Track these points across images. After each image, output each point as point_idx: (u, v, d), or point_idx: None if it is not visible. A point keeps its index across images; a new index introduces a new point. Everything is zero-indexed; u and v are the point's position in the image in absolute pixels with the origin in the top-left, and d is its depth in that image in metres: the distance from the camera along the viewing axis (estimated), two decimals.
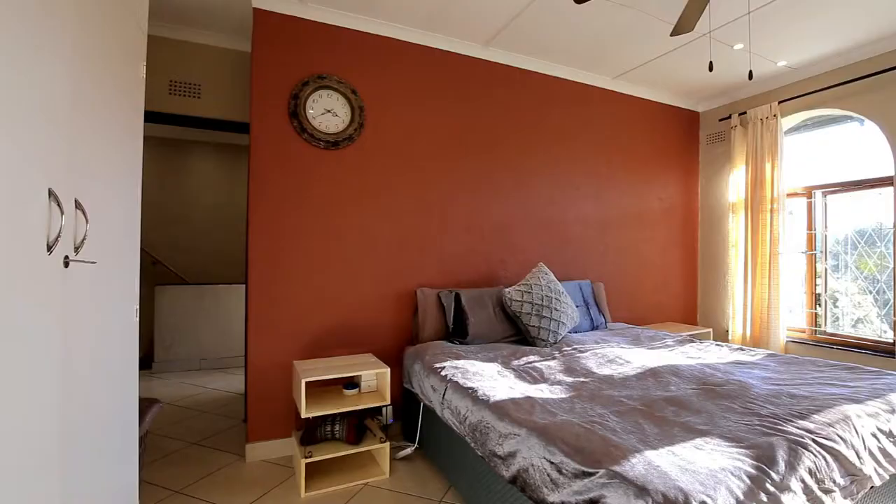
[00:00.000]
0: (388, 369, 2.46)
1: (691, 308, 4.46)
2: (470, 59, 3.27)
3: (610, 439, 1.47)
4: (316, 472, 2.37)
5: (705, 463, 1.32)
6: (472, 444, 1.87)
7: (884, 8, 2.72)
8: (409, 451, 2.57)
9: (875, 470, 1.58)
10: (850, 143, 3.60)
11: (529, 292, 2.86)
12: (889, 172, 3.18)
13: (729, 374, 2.19)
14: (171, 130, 4.93)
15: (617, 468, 1.29)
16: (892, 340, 3.19)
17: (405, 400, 2.80)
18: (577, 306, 3.22)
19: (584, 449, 1.42)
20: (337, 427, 2.42)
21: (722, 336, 4.19)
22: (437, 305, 2.89)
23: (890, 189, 3.19)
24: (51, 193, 1.06)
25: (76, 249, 1.21)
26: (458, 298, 2.87)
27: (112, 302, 1.51)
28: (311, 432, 2.39)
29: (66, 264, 1.16)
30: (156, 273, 5.07)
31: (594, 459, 1.35)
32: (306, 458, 2.23)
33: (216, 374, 4.40)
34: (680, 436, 1.51)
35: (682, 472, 1.26)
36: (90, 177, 1.33)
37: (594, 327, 3.31)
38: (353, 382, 2.59)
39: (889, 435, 1.68)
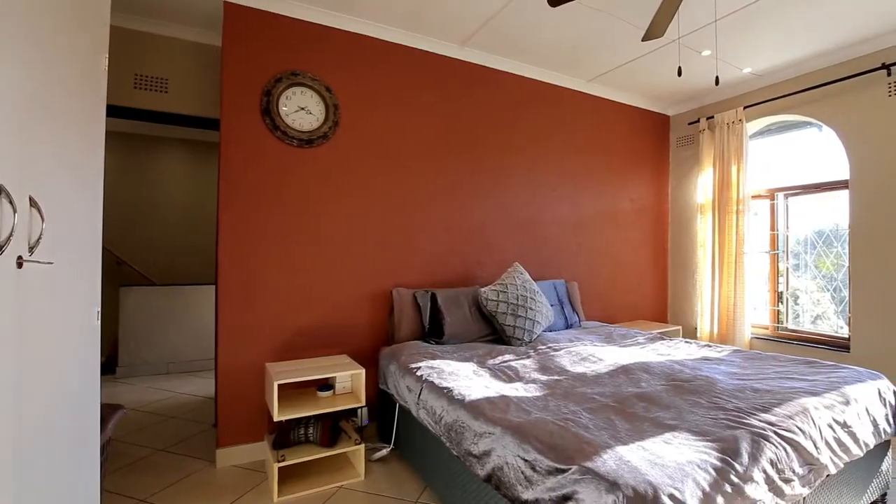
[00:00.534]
0: (364, 370, 2.44)
1: (662, 306, 4.58)
2: (447, 60, 3.28)
3: (582, 436, 1.49)
4: (289, 476, 2.33)
5: (674, 457, 1.36)
6: (448, 444, 1.87)
7: (839, 21, 2.86)
8: (384, 452, 2.56)
9: (831, 459, 1.65)
10: (810, 148, 3.76)
11: (505, 292, 2.88)
12: (845, 176, 3.35)
13: (697, 370, 2.26)
14: (137, 126, 4.76)
15: (589, 464, 1.31)
16: (847, 336, 3.36)
17: (381, 401, 2.78)
18: (551, 305, 3.26)
19: (558, 446, 1.43)
20: (311, 430, 2.38)
21: (691, 333, 4.32)
22: (413, 305, 2.88)
23: (846, 192, 3.36)
24: (1, 190, 1.01)
25: (31, 249, 1.15)
26: (434, 298, 2.87)
27: (71, 304, 1.44)
28: (285, 436, 2.35)
29: (20, 265, 1.10)
30: (121, 273, 4.88)
31: (567, 456, 1.37)
32: (279, 461, 2.19)
33: (185, 378, 4.27)
34: (650, 431, 1.54)
35: (651, 467, 1.29)
36: (47, 173, 1.27)
37: (568, 326, 3.36)
38: (327, 384, 2.56)
39: (843, 425, 1.76)
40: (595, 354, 2.55)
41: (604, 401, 1.85)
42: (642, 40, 2.69)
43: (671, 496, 1.20)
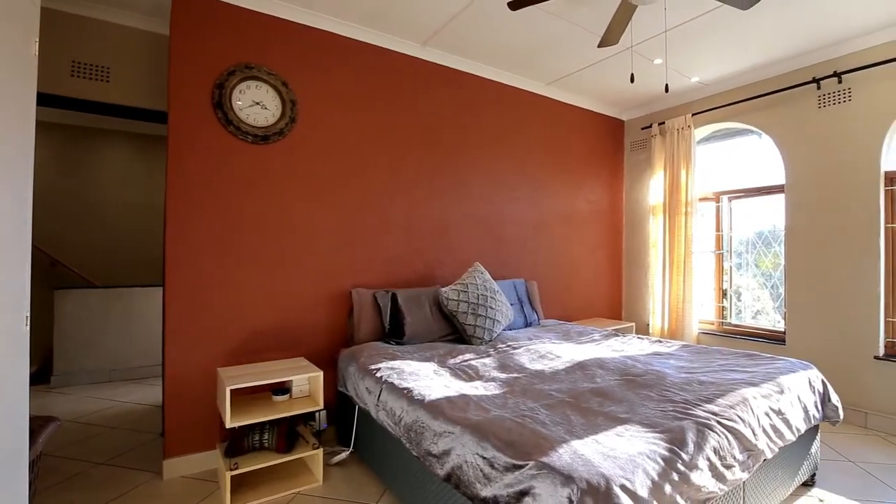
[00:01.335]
0: (321, 373, 2.38)
1: (616, 304, 4.75)
2: (408, 59, 3.26)
3: (540, 432, 1.52)
4: (243, 484, 2.24)
5: (625, 449, 1.41)
6: (408, 445, 1.86)
7: (774, 38, 3.06)
8: (343, 455, 2.51)
9: (767, 445, 1.76)
10: (752, 154, 4.01)
11: (465, 291, 2.89)
12: (782, 181, 3.59)
13: (648, 364, 2.35)
14: (75, 116, 4.45)
15: (545, 459, 1.33)
16: (783, 329, 3.60)
17: (340, 404, 2.72)
18: (511, 304, 3.31)
19: (515, 443, 1.45)
20: (266, 436, 2.30)
21: (643, 329, 4.50)
22: (373, 306, 2.84)
23: (782, 196, 3.60)
24: None
25: None
26: (394, 298, 2.84)
27: None
28: (238, 443, 2.26)
29: None
30: (56, 276, 4.55)
31: (524, 452, 1.39)
32: (232, 470, 2.10)
33: (129, 386, 4.02)
34: (603, 425, 1.59)
35: (604, 459, 1.33)
36: None
37: (528, 324, 3.42)
38: (283, 388, 2.48)
39: (778, 413, 1.88)
40: (553, 352, 2.61)
41: (560, 397, 1.89)
42: (598, 46, 2.78)
43: (622, 487, 1.24)
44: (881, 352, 3.06)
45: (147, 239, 5.08)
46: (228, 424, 2.12)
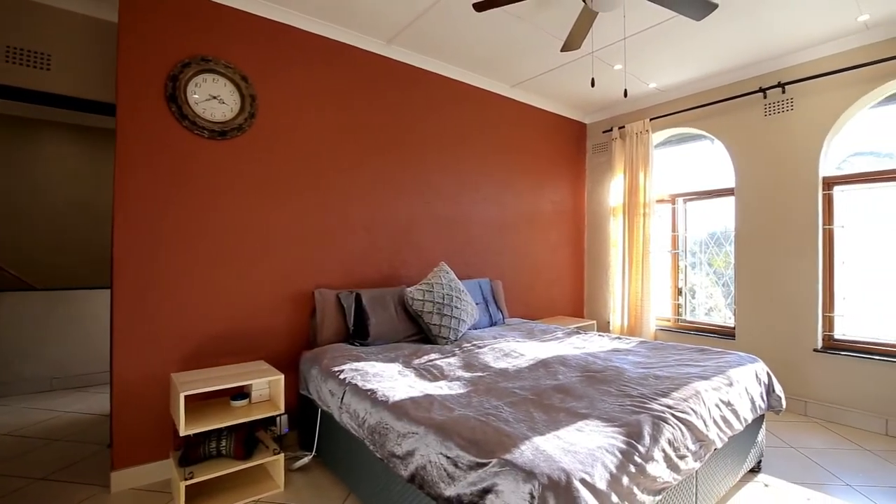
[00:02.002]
0: (282, 376, 2.31)
1: (579, 302, 4.87)
2: (373, 56, 3.22)
3: (503, 429, 1.53)
4: (199, 494, 2.14)
5: (585, 443, 1.44)
6: (371, 447, 1.83)
7: (723, 48, 3.22)
8: (305, 460, 2.45)
9: (717, 435, 1.85)
10: (705, 158, 4.20)
11: (431, 291, 2.89)
12: (732, 184, 3.78)
13: (608, 361, 2.42)
14: (10, 106, 4.14)
15: (508, 456, 1.34)
16: (733, 325, 3.80)
17: (302, 407, 2.66)
18: (476, 304, 3.33)
19: (479, 441, 1.46)
20: (223, 442, 2.21)
21: (604, 327, 4.64)
22: (337, 306, 2.79)
23: (732, 198, 3.79)
24: None
25: None
26: (358, 299, 2.80)
27: None
28: (193, 451, 2.16)
29: None
30: None
31: (488, 450, 1.40)
32: (186, 479, 2.01)
33: (73, 395, 3.78)
34: (565, 421, 1.62)
35: (565, 454, 1.36)
36: None
37: (493, 323, 3.46)
38: (242, 392, 2.40)
39: (727, 404, 1.98)
40: (517, 350, 2.64)
41: (523, 394, 1.91)
42: (561, 51, 2.85)
43: (582, 480, 1.27)
44: (819, 345, 3.28)
45: (94, 238, 4.79)
46: (183, 432, 2.02)
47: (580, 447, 1.41)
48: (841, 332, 3.30)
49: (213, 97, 2.55)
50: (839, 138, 3.32)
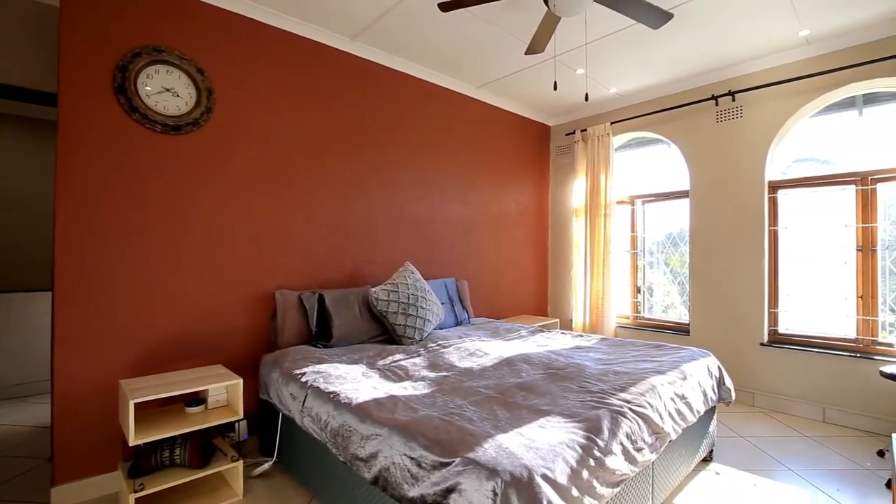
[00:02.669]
0: (241, 380, 2.23)
1: (542, 301, 4.96)
2: (337, 52, 3.16)
3: (466, 428, 1.53)
4: None
5: (547, 439, 1.46)
6: (334, 450, 1.80)
7: (679, 56, 3.36)
8: (266, 466, 2.37)
9: (672, 427, 1.92)
10: (663, 162, 4.36)
11: (396, 291, 2.86)
12: (687, 187, 3.95)
13: (570, 358, 2.48)
14: None
15: (471, 455, 1.35)
16: (688, 322, 3.97)
17: (262, 412, 2.57)
18: (442, 303, 3.33)
19: (443, 440, 1.46)
20: (177, 451, 2.11)
21: (567, 325, 4.74)
22: (299, 308, 2.72)
23: (687, 200, 3.96)
24: None
25: None
26: (321, 299, 2.75)
27: None
28: (143, 461, 2.05)
29: None
30: None
31: (451, 449, 1.40)
32: (136, 491, 1.91)
33: (9, 406, 3.51)
34: (527, 418, 1.65)
35: (527, 451, 1.37)
36: None
37: (458, 323, 3.47)
38: (198, 398, 2.30)
39: (682, 398, 2.06)
40: (482, 349, 2.66)
41: (488, 393, 1.93)
42: (525, 53, 2.89)
43: (544, 476, 1.29)
44: (765, 339, 3.48)
45: (33, 237, 4.47)
46: (132, 442, 1.92)
47: (542, 443, 1.43)
48: (784, 326, 3.51)
49: (166, 89, 2.43)
50: (784, 145, 3.53)
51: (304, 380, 2.12)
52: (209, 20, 2.59)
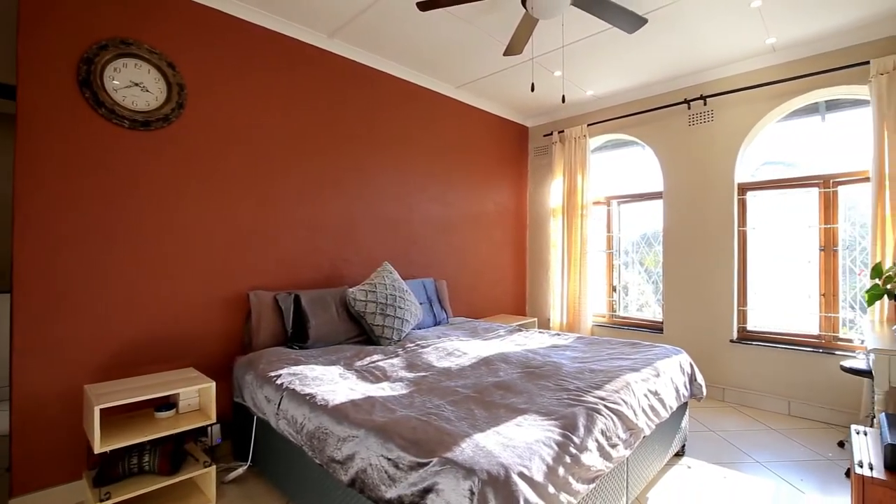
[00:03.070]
0: (213, 383, 2.18)
1: (521, 300, 5.01)
2: (315, 50, 3.11)
3: (444, 428, 1.53)
4: None
5: (523, 438, 1.47)
6: (310, 453, 1.77)
7: (652, 61, 3.44)
8: (240, 471, 2.32)
9: (646, 423, 1.97)
10: (638, 163, 4.46)
11: (374, 291, 2.84)
12: (661, 188, 4.05)
13: (547, 356, 2.51)
14: None
15: (448, 454, 1.35)
16: (661, 320, 4.06)
17: (236, 416, 2.52)
18: (420, 303, 3.33)
19: (420, 441, 1.45)
20: (147, 458, 2.05)
21: (545, 324, 4.80)
22: (274, 309, 2.67)
23: (661, 201, 4.06)
24: None
25: None
26: (297, 300, 2.70)
27: None
28: (110, 469, 1.98)
29: None
30: None
31: (428, 450, 1.40)
32: (102, 501, 1.84)
33: None
34: (504, 416, 1.66)
35: (504, 449, 1.38)
36: None
37: (437, 323, 3.47)
38: (168, 403, 2.23)
39: (655, 394, 2.11)
40: (460, 349, 2.66)
41: (465, 392, 1.93)
42: (504, 55, 2.91)
43: (520, 474, 1.30)
44: (735, 336, 3.59)
45: None
46: (98, 449, 1.85)
47: (519, 441, 1.44)
48: (752, 324, 3.63)
49: (134, 84, 2.35)
50: (752, 148, 3.65)
51: (279, 382, 2.08)
52: (181, 13, 2.52)
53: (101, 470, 1.97)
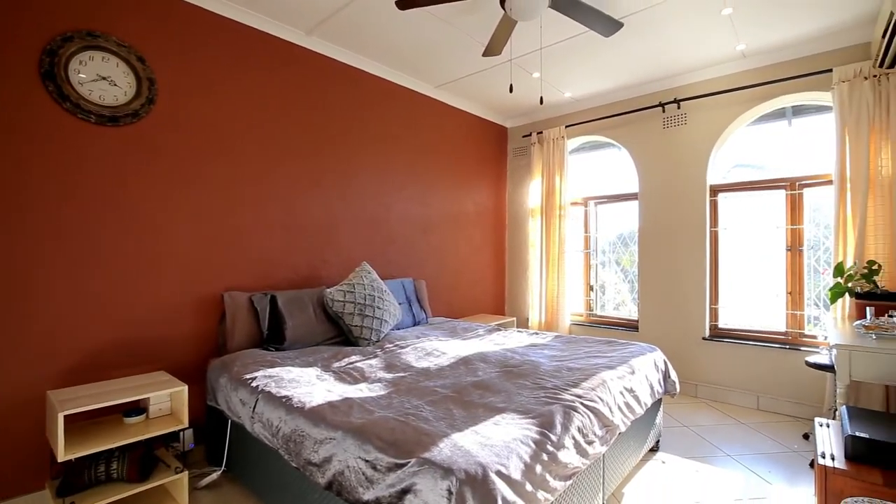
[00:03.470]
0: (186, 387, 2.12)
1: (500, 300, 5.04)
2: (291, 46, 3.06)
3: (422, 429, 1.53)
4: None
5: (501, 436, 1.48)
6: (287, 457, 1.74)
7: (631, 64, 3.51)
8: (214, 476, 2.27)
9: (622, 420, 2.00)
10: (615, 165, 4.54)
11: (352, 292, 2.81)
12: (636, 189, 4.13)
13: (525, 355, 2.53)
14: None
15: (426, 455, 1.34)
16: (637, 318, 4.15)
17: (210, 420, 2.46)
18: (399, 304, 3.31)
19: (398, 441, 1.44)
20: (114, 465, 1.97)
21: (524, 323, 4.84)
22: (250, 310, 2.62)
23: (637, 202, 4.14)
24: None
25: None
26: (273, 301, 2.65)
27: None
28: (75, 478, 1.90)
29: None
30: None
31: (406, 450, 1.39)
32: None
33: None
34: (483, 416, 1.66)
35: (481, 448, 1.38)
36: None
37: (416, 323, 3.46)
38: (138, 408, 2.16)
39: (630, 391, 2.15)
40: (439, 349, 2.66)
41: (444, 392, 1.93)
42: (483, 55, 2.92)
43: (498, 472, 1.30)
44: (707, 333, 3.69)
45: None
46: (62, 457, 1.77)
47: (496, 440, 1.45)
48: (724, 322, 3.74)
49: (102, 77, 2.27)
50: (724, 151, 3.76)
51: (254, 385, 2.04)
52: (151, 6, 2.44)
53: (65, 479, 1.90)
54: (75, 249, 2.18)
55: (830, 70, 3.02)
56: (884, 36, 2.47)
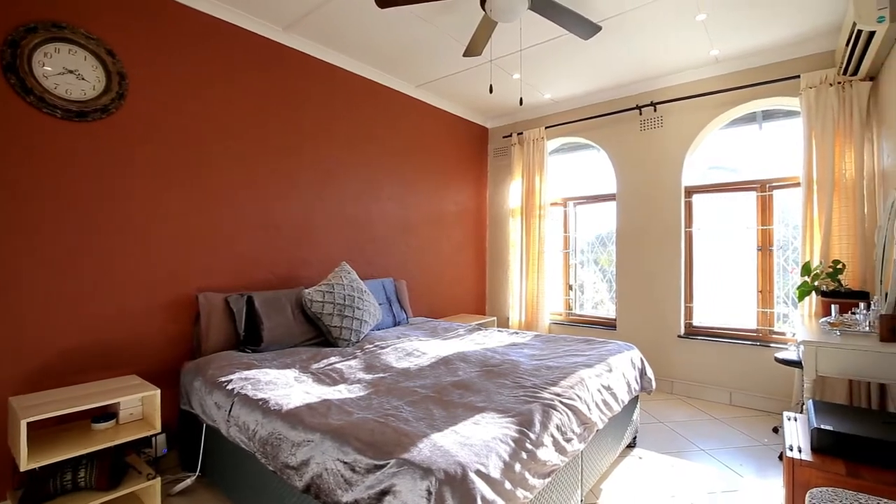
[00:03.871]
0: (158, 391, 2.06)
1: (481, 300, 5.06)
2: (269, 42, 3.01)
3: (402, 429, 1.52)
4: None
5: (481, 436, 1.48)
6: (263, 460, 1.71)
7: (609, 67, 3.56)
8: (188, 482, 2.21)
9: (599, 417, 2.03)
10: (593, 166, 4.60)
11: (331, 292, 2.78)
12: (614, 190, 4.20)
13: (505, 355, 2.54)
14: None
15: (406, 455, 1.34)
16: (615, 317, 4.22)
17: (183, 424, 2.39)
18: (379, 304, 3.29)
19: (377, 442, 1.43)
20: (82, 473, 1.90)
21: (504, 323, 4.87)
22: (225, 311, 2.56)
23: (615, 202, 4.21)
24: None
25: None
26: (250, 302, 2.60)
27: None
28: (39, 487, 1.83)
29: None
30: None
31: (386, 451, 1.38)
32: None
33: None
34: (463, 415, 1.66)
35: (461, 448, 1.38)
36: None
37: (396, 323, 3.44)
38: (108, 413, 2.09)
39: (608, 389, 2.18)
40: (419, 349, 2.65)
41: (424, 392, 1.92)
42: (463, 56, 2.93)
43: (477, 472, 1.31)
44: (682, 331, 3.78)
45: None
46: (24, 466, 1.70)
47: (476, 440, 1.45)
48: (698, 320, 3.84)
49: (69, 71, 2.19)
50: (699, 153, 3.85)
51: (230, 387, 2.00)
52: None
53: (28, 489, 1.82)
54: (43, 247, 2.09)
55: (798, 76, 3.12)
56: (847, 45, 2.57)
